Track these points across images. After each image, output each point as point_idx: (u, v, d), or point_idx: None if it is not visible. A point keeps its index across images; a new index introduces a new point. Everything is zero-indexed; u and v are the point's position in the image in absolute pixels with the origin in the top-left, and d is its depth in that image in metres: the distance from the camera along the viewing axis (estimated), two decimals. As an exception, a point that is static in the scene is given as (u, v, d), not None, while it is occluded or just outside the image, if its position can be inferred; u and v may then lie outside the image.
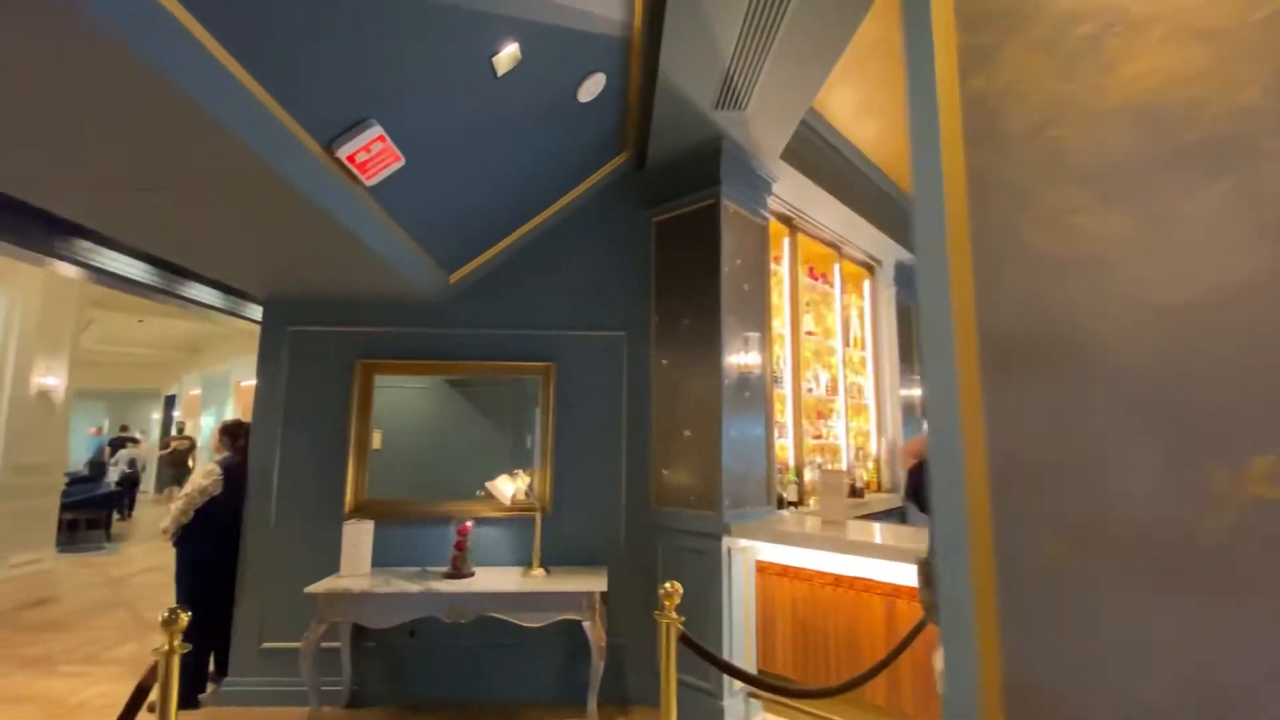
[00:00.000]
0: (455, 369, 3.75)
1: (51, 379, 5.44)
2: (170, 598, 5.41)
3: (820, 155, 3.98)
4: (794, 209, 4.29)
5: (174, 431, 10.12)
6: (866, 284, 5.50)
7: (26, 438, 5.26)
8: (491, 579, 3.24)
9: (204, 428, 12.20)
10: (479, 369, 3.75)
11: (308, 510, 3.56)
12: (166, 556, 7.69)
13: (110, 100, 1.57)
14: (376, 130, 2.17)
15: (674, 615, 2.06)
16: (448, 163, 2.71)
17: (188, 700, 3.34)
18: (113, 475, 10.61)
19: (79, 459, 11.25)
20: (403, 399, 3.77)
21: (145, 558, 7.41)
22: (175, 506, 3.39)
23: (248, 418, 3.74)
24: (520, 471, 3.47)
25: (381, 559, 3.41)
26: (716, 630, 3.14)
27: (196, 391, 12.98)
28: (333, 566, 3.34)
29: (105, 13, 1.32)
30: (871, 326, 5.47)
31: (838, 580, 2.98)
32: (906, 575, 2.72)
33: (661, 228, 3.77)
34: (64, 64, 1.43)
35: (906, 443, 1.96)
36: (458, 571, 3.27)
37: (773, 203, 3.96)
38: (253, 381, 3.76)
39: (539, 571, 3.32)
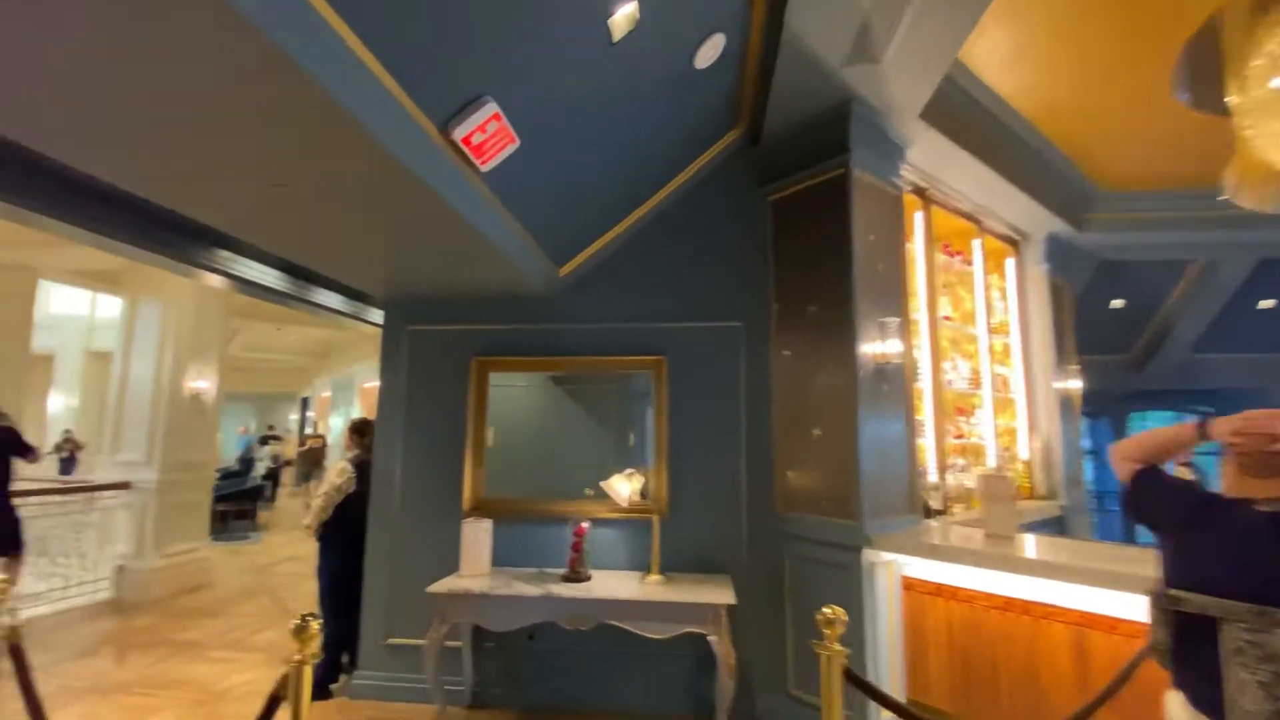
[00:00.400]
0: (564, 365, 3.64)
1: (203, 383, 5.95)
2: (308, 588, 5.74)
3: (963, 111, 3.49)
4: (928, 177, 3.82)
5: (309, 431, 11.03)
6: (1010, 261, 4.86)
7: (182, 437, 5.78)
8: (610, 584, 3.08)
9: (334, 427, 13.17)
10: (589, 365, 3.61)
11: (428, 507, 3.57)
12: (304, 547, 8.33)
13: (243, 87, 1.51)
14: (492, 108, 2.04)
15: (837, 647, 1.76)
16: (559, 143, 2.57)
17: (321, 689, 3.44)
18: (259, 470, 11.77)
19: (229, 456, 12.53)
20: (513, 396, 3.71)
21: (286, 547, 8.01)
22: (315, 504, 3.51)
23: (373, 417, 3.83)
24: (634, 471, 3.29)
25: (498, 558, 3.35)
26: (858, 653, 2.79)
27: (327, 394, 14.06)
28: (452, 565, 3.31)
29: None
30: (1019, 309, 4.83)
31: (1008, 604, 2.54)
32: (1102, 602, 2.26)
33: (780, 206, 3.45)
34: (199, 52, 1.37)
35: (1116, 445, 1.54)
36: (575, 575, 3.14)
37: (905, 171, 3.53)
38: (375, 383, 3.85)
39: (657, 577, 3.12)
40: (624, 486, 3.19)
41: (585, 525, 3.24)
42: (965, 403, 4.33)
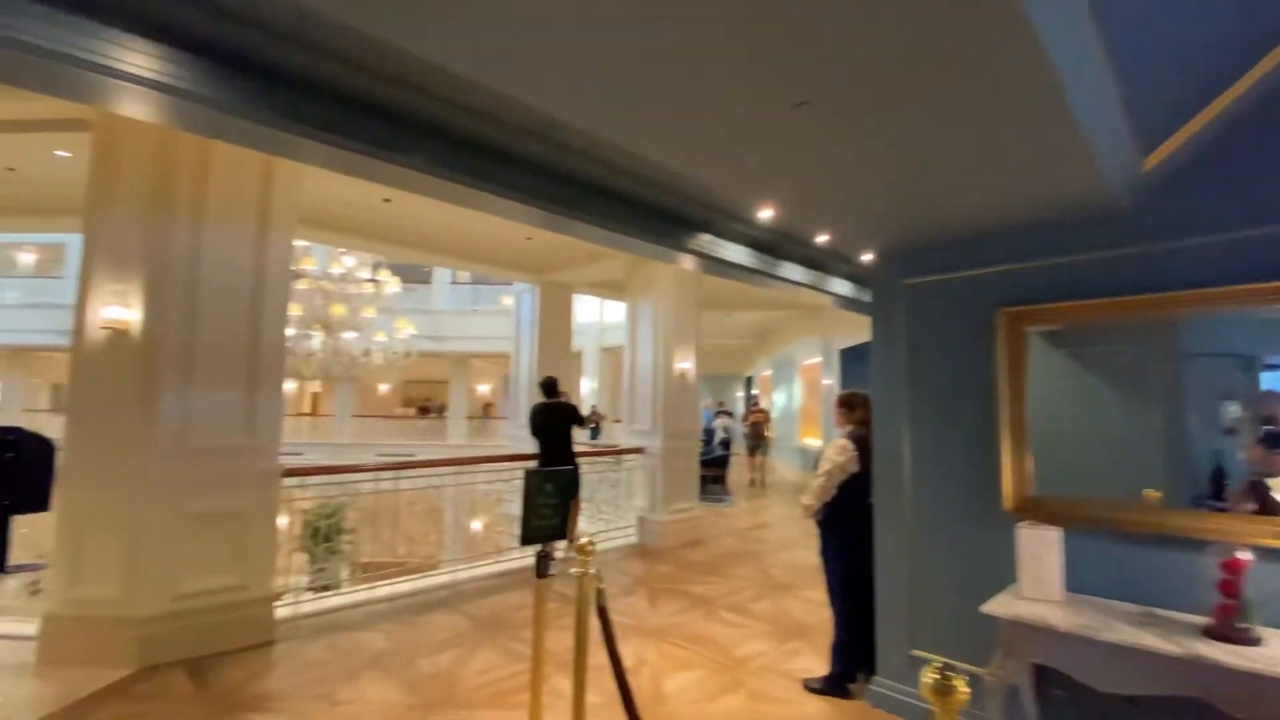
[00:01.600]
0: (1150, 306, 2.42)
1: (685, 364, 6.69)
2: (787, 559, 5.80)
3: None
4: None
5: (751, 405, 12.14)
6: None
7: (675, 411, 6.59)
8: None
9: (774, 404, 13.90)
10: (1191, 302, 2.32)
11: (947, 501, 2.90)
12: (770, 514, 8.82)
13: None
14: None
15: None
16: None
17: (838, 685, 3.16)
18: (715, 440, 13.34)
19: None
20: (1059, 359, 2.68)
21: (753, 514, 8.58)
22: (815, 483, 3.26)
23: (811, 397, 3.43)
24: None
25: (1069, 580, 2.42)
26: None
27: (768, 373, 14.98)
28: (990, 576, 2.55)
29: None
30: None
31: None
32: None
33: None
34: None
35: None
36: (1230, 631, 1.98)
37: None
38: (813, 360, 3.39)
39: None
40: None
41: (1245, 557, 2.03)
42: None
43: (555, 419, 5.49)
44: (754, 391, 17.03)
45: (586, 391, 15.31)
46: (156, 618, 3.40)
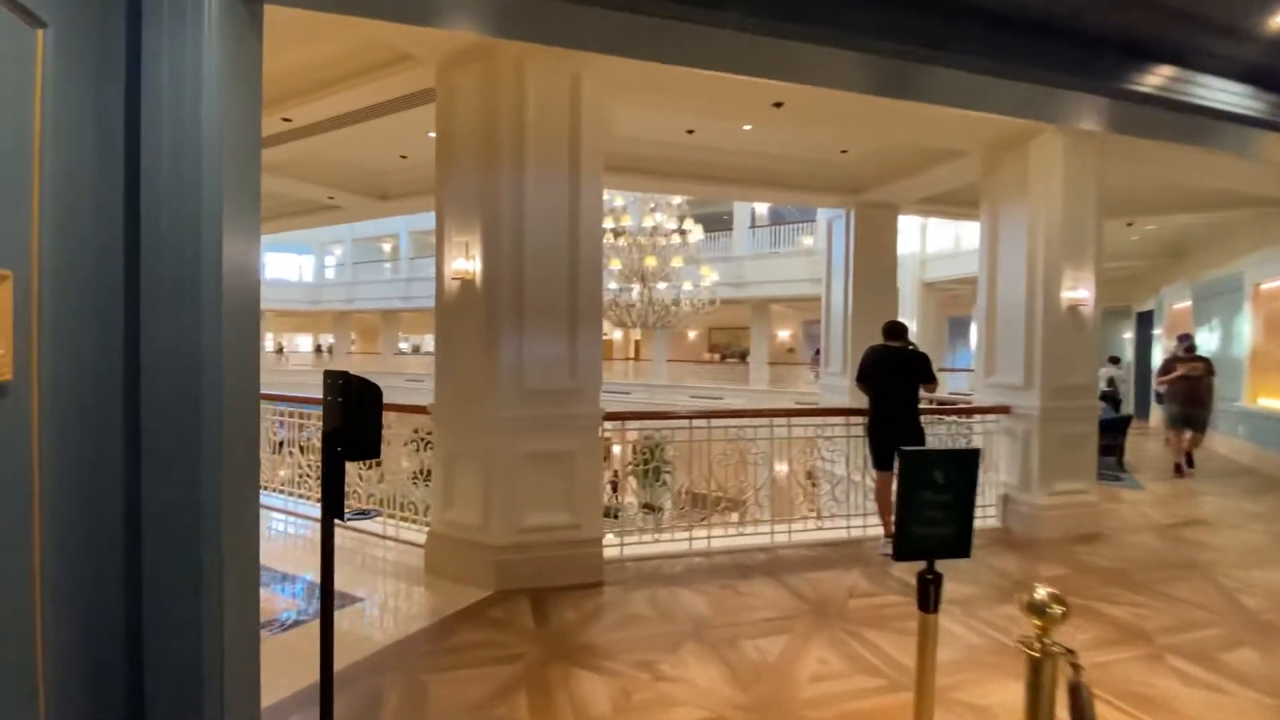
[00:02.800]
0: None
1: (1080, 292, 4.83)
2: (1259, 579, 3.84)
3: None
4: None
5: (1175, 350, 8.15)
6: None
7: (1060, 359, 4.85)
8: None
9: (1201, 347, 9.87)
10: None
11: None
12: (1206, 505, 6.19)
13: None
14: None
15: None
16: None
17: None
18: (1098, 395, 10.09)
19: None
20: None
21: (1176, 504, 6.13)
22: None
23: (1273, 334, 1.59)
24: None
25: None
26: None
27: (1184, 304, 10.80)
28: None
29: None
30: None
31: None
32: None
33: None
34: None
35: None
36: None
37: None
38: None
39: None
40: None
41: None
42: None
43: (902, 370, 4.46)
44: (1154, 331, 12.55)
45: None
46: (507, 547, 3.65)
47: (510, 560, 3.64)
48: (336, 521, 1.79)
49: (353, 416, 1.78)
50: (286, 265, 27.04)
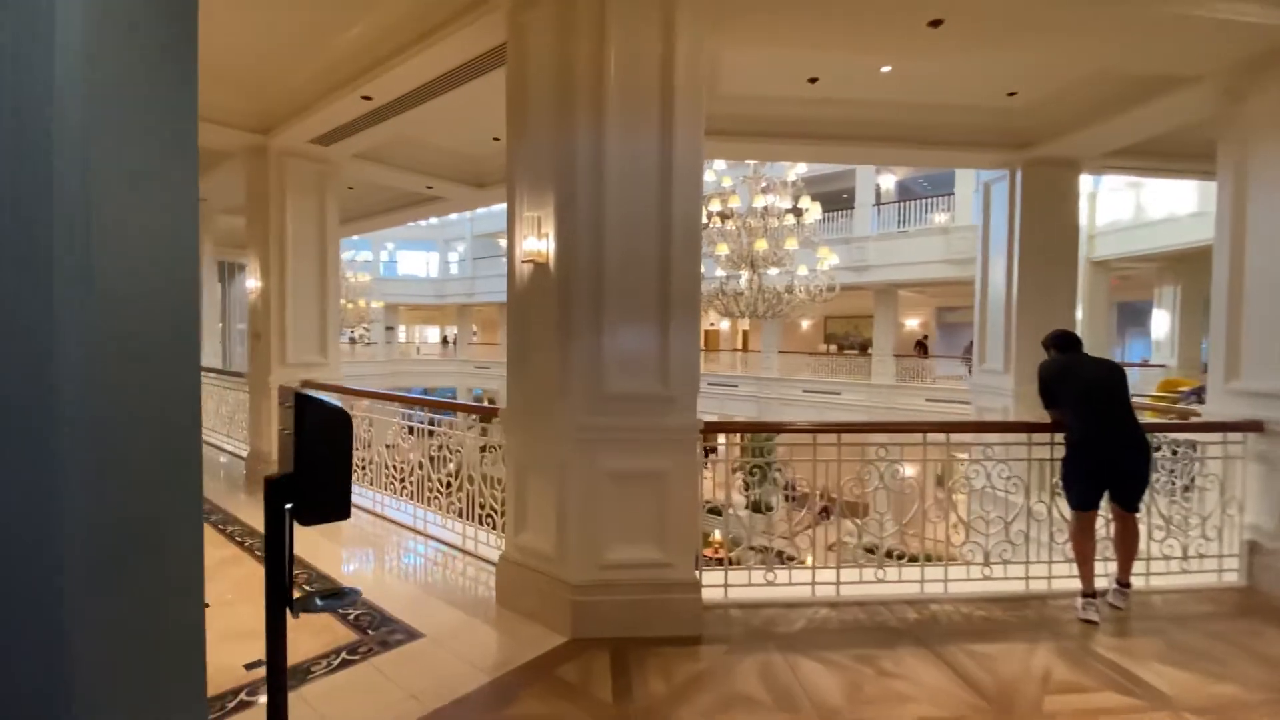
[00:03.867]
0: None
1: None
2: None
3: None
4: None
5: None
6: None
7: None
8: None
9: None
10: None
11: None
12: None
13: None
14: None
15: None
16: None
17: None
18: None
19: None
20: None
21: None
22: None
23: None
24: None
25: None
26: None
27: None
28: None
29: None
30: None
31: None
32: None
33: None
34: None
35: None
36: None
37: None
38: None
39: None
40: None
41: None
42: None
43: (1115, 382, 3.38)
44: None
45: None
46: (585, 586, 3.02)
47: (589, 602, 3.00)
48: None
49: (309, 460, 1.16)
50: (415, 261, 28.67)
